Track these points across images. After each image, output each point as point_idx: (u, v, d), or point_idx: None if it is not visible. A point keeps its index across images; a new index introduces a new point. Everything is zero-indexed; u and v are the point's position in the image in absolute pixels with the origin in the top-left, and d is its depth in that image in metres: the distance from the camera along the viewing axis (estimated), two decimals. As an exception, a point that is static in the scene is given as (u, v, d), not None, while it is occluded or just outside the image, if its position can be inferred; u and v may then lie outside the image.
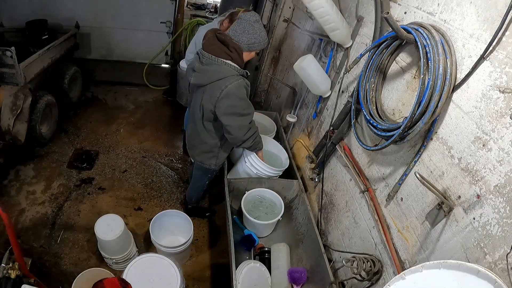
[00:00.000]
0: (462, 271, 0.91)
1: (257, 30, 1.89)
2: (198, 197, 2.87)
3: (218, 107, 1.89)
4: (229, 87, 1.82)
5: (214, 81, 1.84)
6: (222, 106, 1.88)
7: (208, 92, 1.90)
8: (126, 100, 4.72)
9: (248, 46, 1.91)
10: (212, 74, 1.85)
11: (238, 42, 1.88)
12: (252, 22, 1.87)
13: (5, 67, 2.86)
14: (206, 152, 2.28)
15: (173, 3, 4.54)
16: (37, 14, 3.92)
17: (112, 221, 2.28)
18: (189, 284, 2.51)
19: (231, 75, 1.84)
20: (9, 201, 2.92)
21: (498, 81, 1.07)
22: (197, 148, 2.31)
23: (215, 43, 1.85)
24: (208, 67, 1.86)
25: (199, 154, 2.33)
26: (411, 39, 1.33)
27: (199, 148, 2.29)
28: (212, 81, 1.85)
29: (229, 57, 1.86)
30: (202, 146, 2.25)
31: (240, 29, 1.87)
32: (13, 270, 1.66)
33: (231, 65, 1.87)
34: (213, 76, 1.85)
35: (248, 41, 1.89)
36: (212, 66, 1.85)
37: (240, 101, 1.89)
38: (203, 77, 1.89)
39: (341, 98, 2.13)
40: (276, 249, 2.24)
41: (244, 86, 1.90)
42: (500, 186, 1.02)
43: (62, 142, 3.70)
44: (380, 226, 1.59)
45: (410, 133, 1.31)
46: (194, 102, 2.06)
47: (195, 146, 2.33)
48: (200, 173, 2.53)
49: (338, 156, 2.11)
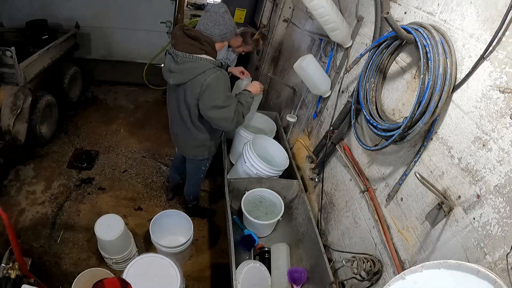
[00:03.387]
0: (462, 271, 0.91)
1: (227, 21, 1.92)
2: (196, 194, 2.87)
3: (201, 102, 1.92)
4: (208, 80, 1.85)
5: (193, 77, 1.87)
6: (204, 99, 1.91)
7: (189, 89, 1.93)
8: (126, 100, 4.72)
9: (221, 37, 1.95)
10: (190, 71, 1.87)
11: (211, 35, 1.90)
12: (222, 14, 1.89)
13: (5, 67, 2.86)
14: (198, 147, 2.32)
15: (173, 3, 4.54)
16: (37, 14, 3.92)
17: (112, 221, 2.28)
18: (189, 284, 2.51)
19: (208, 69, 1.87)
20: (9, 201, 2.92)
21: (498, 81, 1.07)
22: (189, 145, 2.34)
23: (186, 41, 1.86)
24: (184, 65, 1.87)
25: (192, 149, 2.36)
26: (411, 39, 1.33)
27: (191, 144, 2.32)
28: (191, 78, 1.87)
29: (203, 51, 1.88)
30: (194, 142, 2.29)
31: (211, 22, 1.89)
32: (13, 270, 1.66)
33: (206, 59, 1.88)
34: (191, 73, 1.87)
35: (220, 33, 1.92)
36: (188, 64, 1.87)
37: (219, 93, 1.91)
38: (181, 76, 1.90)
39: (341, 98, 2.13)
40: (276, 249, 2.24)
41: (222, 77, 1.92)
42: (500, 186, 1.02)
43: (62, 142, 3.71)
44: (380, 226, 1.59)
45: (410, 133, 1.31)
46: (178, 101, 2.08)
47: (186, 143, 2.34)
48: (195, 167, 2.55)
49: (338, 156, 2.11)
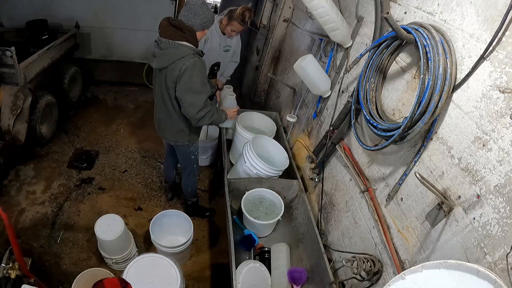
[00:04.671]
0: (462, 271, 0.91)
1: (206, 11, 2.10)
2: (193, 186, 2.88)
3: (179, 84, 2.04)
4: (186, 64, 1.97)
5: (173, 61, 2.00)
6: (181, 82, 2.03)
7: (170, 72, 2.04)
8: (126, 100, 4.72)
9: (201, 26, 2.11)
10: (171, 56, 2.00)
11: (192, 25, 2.06)
12: (200, 5, 2.06)
13: (5, 67, 2.86)
14: (178, 132, 2.38)
15: (173, 3, 4.54)
16: (37, 14, 3.92)
17: (112, 221, 2.28)
18: (189, 284, 2.51)
19: (187, 54, 1.99)
20: (9, 201, 2.92)
21: (498, 81, 1.07)
22: (170, 130, 2.40)
23: (170, 29, 2.00)
24: (167, 50, 2.01)
25: (173, 135, 2.41)
26: (411, 39, 1.33)
27: (172, 129, 2.38)
28: (172, 62, 2.00)
29: (184, 38, 2.01)
30: (175, 127, 2.35)
31: (191, 13, 2.06)
32: (13, 270, 1.66)
33: (186, 45, 2.01)
34: (172, 58, 2.00)
35: (200, 22, 2.09)
36: (170, 49, 2.00)
37: (195, 77, 2.02)
38: (163, 60, 2.03)
39: (341, 98, 2.13)
40: (276, 249, 2.23)
41: (199, 64, 2.03)
42: (500, 186, 1.02)
43: (62, 142, 3.71)
44: (380, 226, 1.59)
45: (410, 133, 1.31)
46: (160, 85, 2.18)
47: (167, 128, 2.40)
48: (184, 155, 2.60)
49: (338, 156, 2.11)
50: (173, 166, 2.99)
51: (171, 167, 2.99)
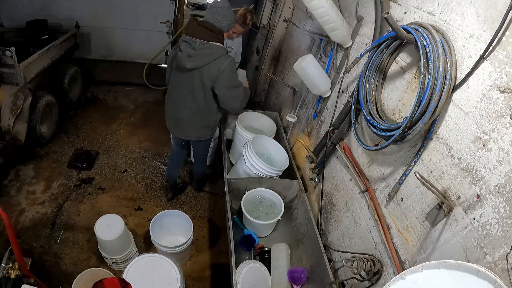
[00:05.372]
0: (462, 271, 0.91)
1: (231, 13, 2.26)
2: (204, 167, 3.09)
3: (219, 83, 2.21)
4: (225, 64, 2.17)
5: (210, 61, 2.17)
6: (221, 81, 2.21)
7: (206, 72, 2.20)
8: (126, 100, 4.72)
9: (227, 27, 2.26)
10: (207, 56, 2.17)
11: (221, 27, 2.20)
12: (227, 8, 2.20)
13: (5, 67, 2.86)
14: (203, 127, 2.52)
15: (173, 3, 4.54)
16: (37, 14, 3.92)
17: (112, 221, 2.28)
18: (189, 284, 2.51)
19: (222, 55, 2.19)
20: (9, 201, 2.92)
21: (498, 81, 1.07)
22: (194, 127, 2.50)
23: (203, 31, 2.16)
24: (202, 51, 2.16)
25: (197, 131, 2.52)
26: (411, 39, 1.33)
27: (198, 125, 2.49)
28: (208, 61, 2.17)
29: (217, 39, 2.20)
30: (201, 123, 2.48)
31: (219, 16, 2.19)
32: (13, 270, 1.66)
33: (219, 46, 2.20)
34: (209, 57, 2.17)
35: (227, 24, 2.24)
36: (206, 50, 2.17)
37: (233, 73, 2.27)
38: (199, 60, 2.18)
39: (341, 98, 2.13)
40: (276, 249, 2.23)
41: (233, 61, 2.25)
42: (500, 186, 1.02)
43: (62, 142, 3.71)
44: (380, 226, 1.59)
45: (410, 133, 1.31)
46: (190, 84, 2.28)
47: (192, 125, 2.49)
48: (203, 148, 2.78)
49: (338, 156, 2.11)
50: (179, 165, 3.05)
51: (177, 166, 3.05)
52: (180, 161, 3.01)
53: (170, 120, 2.57)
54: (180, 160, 2.99)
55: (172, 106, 2.49)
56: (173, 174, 3.07)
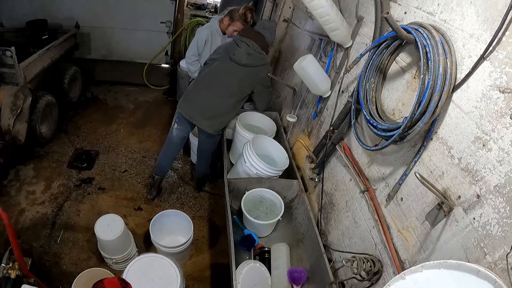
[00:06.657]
0: (462, 271, 0.91)
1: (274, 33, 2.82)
2: (207, 166, 3.27)
3: (261, 83, 2.71)
4: (268, 71, 2.75)
5: (260, 65, 2.66)
6: (263, 81, 2.72)
7: (255, 72, 2.66)
8: (126, 100, 4.72)
9: (271, 42, 2.82)
10: (260, 60, 2.66)
11: (268, 41, 2.75)
12: (275, 27, 2.77)
13: (5, 67, 2.86)
14: (221, 122, 2.75)
15: (173, 3, 4.55)
16: (37, 14, 3.93)
17: (112, 221, 2.28)
18: (189, 284, 2.51)
19: (268, 63, 2.76)
20: (9, 201, 2.92)
21: (498, 81, 1.07)
22: (215, 119, 2.70)
23: (260, 39, 2.66)
24: (259, 55, 2.64)
25: (216, 123, 2.71)
26: (411, 39, 1.33)
27: (219, 118, 2.71)
28: (258, 65, 2.65)
29: (267, 51, 2.75)
30: (223, 117, 2.72)
31: (269, 32, 2.74)
32: (13, 270, 1.66)
33: (266, 56, 2.73)
34: (260, 61, 2.66)
35: (272, 40, 2.80)
36: (262, 55, 2.66)
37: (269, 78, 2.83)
38: (254, 60, 2.62)
39: (341, 98, 2.13)
40: (276, 249, 2.23)
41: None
42: (500, 186, 1.02)
43: (62, 142, 3.71)
44: (380, 226, 1.59)
45: (410, 133, 1.31)
46: (237, 78, 2.63)
47: (215, 117, 2.69)
48: (212, 142, 2.95)
49: (338, 156, 2.11)
50: (173, 159, 3.14)
51: (171, 159, 3.11)
52: (175, 154, 3.10)
53: (193, 106, 2.70)
54: (176, 153, 3.09)
55: (204, 92, 2.67)
56: (164, 168, 3.11)
